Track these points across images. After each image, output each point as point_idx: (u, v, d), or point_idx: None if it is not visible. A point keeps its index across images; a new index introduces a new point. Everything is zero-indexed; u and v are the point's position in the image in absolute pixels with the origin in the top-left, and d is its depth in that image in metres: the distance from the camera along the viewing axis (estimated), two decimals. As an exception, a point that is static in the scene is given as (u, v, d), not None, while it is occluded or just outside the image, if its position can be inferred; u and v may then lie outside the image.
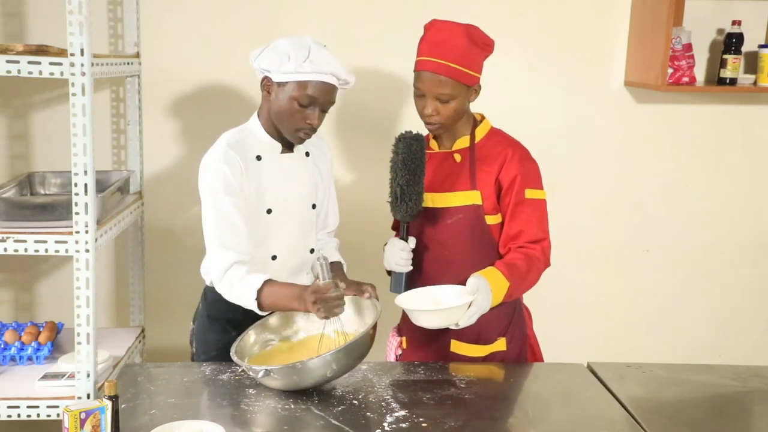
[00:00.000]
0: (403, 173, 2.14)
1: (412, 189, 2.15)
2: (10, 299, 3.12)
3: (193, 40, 2.97)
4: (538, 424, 1.89)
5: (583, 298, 3.30)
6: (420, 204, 2.18)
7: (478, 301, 2.05)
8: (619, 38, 3.12)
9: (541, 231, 2.19)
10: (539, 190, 2.22)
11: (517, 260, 2.14)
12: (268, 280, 2.05)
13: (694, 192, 3.26)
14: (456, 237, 2.21)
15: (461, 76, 2.13)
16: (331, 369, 1.92)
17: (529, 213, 2.18)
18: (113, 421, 1.69)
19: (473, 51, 2.14)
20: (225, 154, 2.12)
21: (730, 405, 2.08)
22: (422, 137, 2.17)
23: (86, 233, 2.28)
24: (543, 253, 2.18)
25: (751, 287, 3.34)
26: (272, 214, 2.19)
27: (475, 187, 2.20)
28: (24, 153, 3.01)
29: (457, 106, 2.16)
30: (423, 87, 2.16)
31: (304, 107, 2.10)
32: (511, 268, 2.12)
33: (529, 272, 2.15)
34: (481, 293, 2.05)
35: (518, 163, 2.19)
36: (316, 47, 2.11)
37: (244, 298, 2.05)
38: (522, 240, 2.17)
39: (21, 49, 2.21)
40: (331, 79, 2.11)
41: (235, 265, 2.07)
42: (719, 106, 3.20)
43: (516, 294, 2.17)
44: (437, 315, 2.06)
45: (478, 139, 2.25)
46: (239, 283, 2.06)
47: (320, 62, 2.09)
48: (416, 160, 2.14)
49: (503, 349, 2.27)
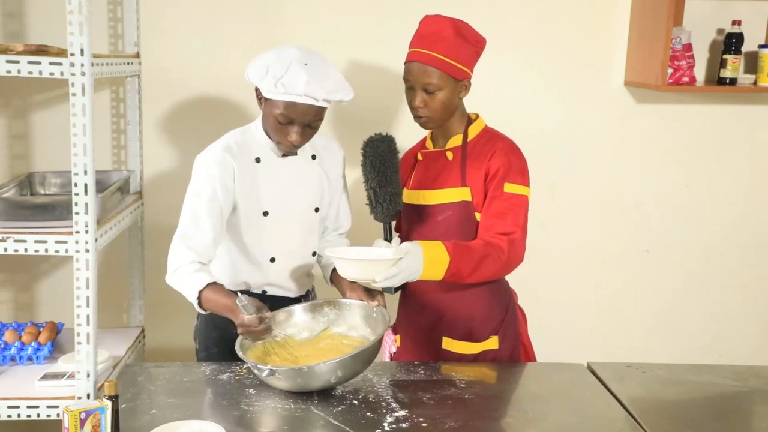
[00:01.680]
0: (373, 176, 2.14)
1: (385, 190, 2.15)
2: (10, 299, 3.12)
3: (193, 40, 2.97)
4: (538, 424, 1.89)
5: (582, 298, 3.30)
6: (397, 204, 2.18)
7: (404, 263, 2.01)
8: (619, 38, 3.12)
9: (513, 224, 2.15)
10: (521, 185, 2.18)
11: (472, 244, 2.12)
12: (211, 284, 2.05)
13: (694, 192, 3.26)
14: (446, 233, 2.20)
15: (448, 68, 2.13)
16: (336, 375, 1.92)
17: (504, 206, 2.16)
18: (113, 421, 1.70)
19: (461, 44, 2.15)
20: (219, 156, 2.14)
21: (730, 405, 2.08)
22: (390, 138, 2.17)
23: (86, 233, 2.28)
24: (509, 245, 2.12)
25: (751, 287, 3.34)
26: (269, 217, 2.19)
27: (465, 184, 2.20)
28: (24, 153, 3.01)
29: (444, 98, 2.16)
30: (411, 78, 2.18)
31: (284, 125, 2.09)
32: (460, 248, 2.08)
33: (484, 259, 2.09)
34: (410, 256, 2.02)
35: (504, 156, 2.19)
36: (295, 66, 2.03)
37: (188, 295, 2.10)
38: (492, 231, 2.15)
39: (21, 49, 2.21)
40: (307, 100, 2.02)
41: (188, 264, 2.10)
42: (719, 106, 3.20)
43: (466, 277, 2.10)
44: (357, 265, 2.05)
45: (471, 138, 2.25)
46: (186, 280, 2.09)
47: (293, 84, 2.01)
48: (385, 162, 2.14)
49: (495, 347, 2.26)
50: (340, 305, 2.21)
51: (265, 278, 2.26)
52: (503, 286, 2.32)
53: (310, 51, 2.12)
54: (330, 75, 2.08)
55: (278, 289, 2.29)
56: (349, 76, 3.02)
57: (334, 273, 2.26)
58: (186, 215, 2.15)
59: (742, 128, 3.23)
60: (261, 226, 2.20)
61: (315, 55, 2.11)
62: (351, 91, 2.12)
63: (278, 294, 2.30)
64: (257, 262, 2.23)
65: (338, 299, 2.22)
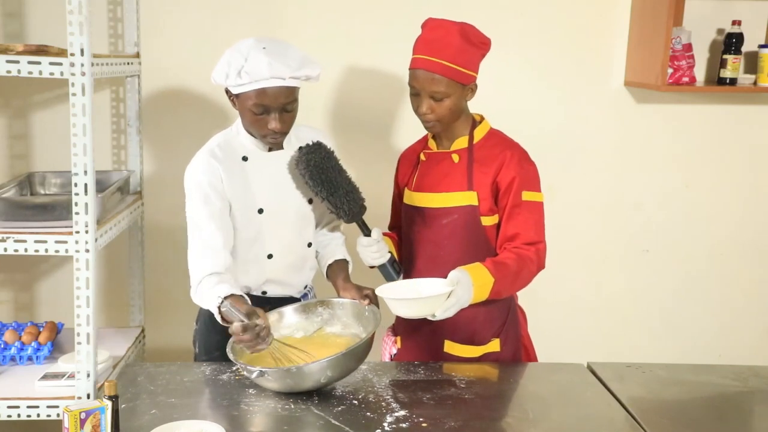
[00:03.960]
0: (319, 188, 2.15)
1: (337, 195, 2.15)
2: (10, 299, 3.12)
3: (193, 40, 2.97)
4: (538, 424, 1.89)
5: (582, 298, 3.30)
6: (357, 200, 2.19)
7: (458, 293, 2.03)
8: (619, 38, 3.12)
9: (537, 234, 2.19)
10: (537, 192, 2.21)
11: (507, 259, 2.14)
12: (229, 296, 2.01)
13: (694, 192, 3.26)
14: (451, 237, 2.20)
15: (455, 75, 2.12)
16: (326, 375, 1.92)
17: (526, 215, 2.17)
18: (113, 421, 1.69)
19: (468, 49, 2.14)
20: (204, 162, 2.15)
21: (730, 405, 2.08)
22: (317, 144, 2.16)
23: (86, 233, 2.28)
24: (537, 255, 2.17)
25: (751, 287, 3.34)
26: (264, 214, 2.20)
27: (471, 188, 2.20)
28: (24, 153, 3.01)
29: (451, 104, 2.16)
30: (417, 85, 2.16)
31: (261, 114, 2.08)
32: (499, 265, 2.11)
33: (520, 272, 2.14)
34: (461, 286, 2.04)
35: (517, 165, 2.18)
36: (254, 52, 2.04)
37: (211, 308, 2.06)
38: (518, 242, 2.17)
39: (21, 49, 2.21)
40: (274, 82, 2.03)
41: (207, 277, 2.09)
42: (719, 106, 3.20)
43: (504, 292, 2.15)
44: (414, 304, 2.05)
45: (477, 140, 2.24)
46: (207, 293, 2.06)
47: (256, 69, 2.02)
48: (323, 169, 2.14)
49: (497, 350, 2.26)
50: (332, 305, 2.21)
51: (263, 276, 2.26)
52: (504, 287, 2.33)
53: (265, 37, 2.13)
54: (291, 53, 2.09)
55: (278, 287, 2.29)
56: (349, 77, 3.06)
57: (330, 269, 2.29)
58: (190, 229, 2.16)
59: (742, 128, 3.23)
60: (257, 223, 2.20)
61: (271, 39, 2.12)
62: (318, 66, 2.12)
63: (279, 294, 2.29)
64: (255, 260, 2.23)
65: (331, 299, 2.23)
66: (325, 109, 3.06)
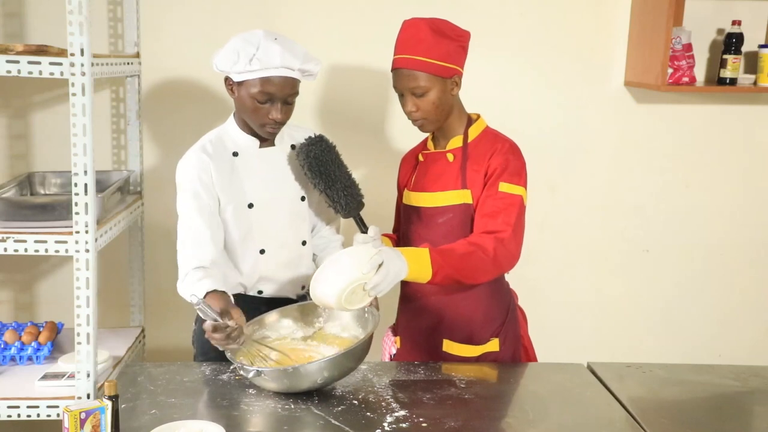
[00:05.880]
0: (317, 180, 2.17)
1: (335, 189, 2.17)
2: (10, 299, 3.12)
3: (193, 40, 2.97)
4: (538, 424, 1.89)
5: (582, 298, 3.30)
6: (355, 195, 2.20)
7: (384, 258, 1.92)
8: (619, 38, 3.12)
9: (504, 224, 2.10)
10: (516, 185, 2.15)
11: (454, 243, 2.07)
12: (210, 292, 1.99)
13: (694, 192, 3.26)
14: (447, 236, 2.19)
15: (432, 68, 2.12)
16: (323, 376, 1.92)
17: (497, 205, 2.13)
18: (113, 421, 1.69)
19: (441, 42, 2.13)
20: (193, 157, 2.18)
21: (730, 405, 2.08)
22: (319, 138, 2.20)
23: (86, 233, 2.28)
24: (496, 243, 2.05)
25: (751, 287, 3.34)
26: (254, 209, 2.21)
27: (465, 186, 2.20)
28: (24, 153, 3.01)
29: (434, 98, 2.15)
30: (398, 85, 2.18)
31: (264, 103, 2.12)
32: (440, 248, 2.03)
33: (468, 256, 2.03)
34: (386, 252, 1.94)
35: (502, 156, 2.17)
36: (265, 42, 2.10)
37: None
38: (479, 230, 2.12)
39: (21, 49, 2.21)
40: (284, 72, 2.10)
41: (192, 270, 2.09)
42: (719, 106, 3.20)
43: (455, 275, 2.02)
44: (331, 271, 1.94)
45: (471, 139, 2.24)
46: (190, 289, 2.05)
47: (268, 57, 2.08)
48: (322, 162, 2.16)
49: (496, 349, 2.26)
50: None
51: (257, 272, 2.26)
52: (503, 287, 2.32)
53: (272, 31, 2.19)
54: (298, 47, 2.17)
55: (273, 286, 2.29)
56: (348, 76, 3.06)
57: None
58: (179, 222, 2.18)
59: (742, 128, 3.23)
60: (248, 218, 2.21)
61: (278, 33, 2.18)
62: (319, 63, 2.19)
63: (275, 295, 2.30)
64: (248, 256, 2.23)
65: None
66: (318, 108, 3.06)
